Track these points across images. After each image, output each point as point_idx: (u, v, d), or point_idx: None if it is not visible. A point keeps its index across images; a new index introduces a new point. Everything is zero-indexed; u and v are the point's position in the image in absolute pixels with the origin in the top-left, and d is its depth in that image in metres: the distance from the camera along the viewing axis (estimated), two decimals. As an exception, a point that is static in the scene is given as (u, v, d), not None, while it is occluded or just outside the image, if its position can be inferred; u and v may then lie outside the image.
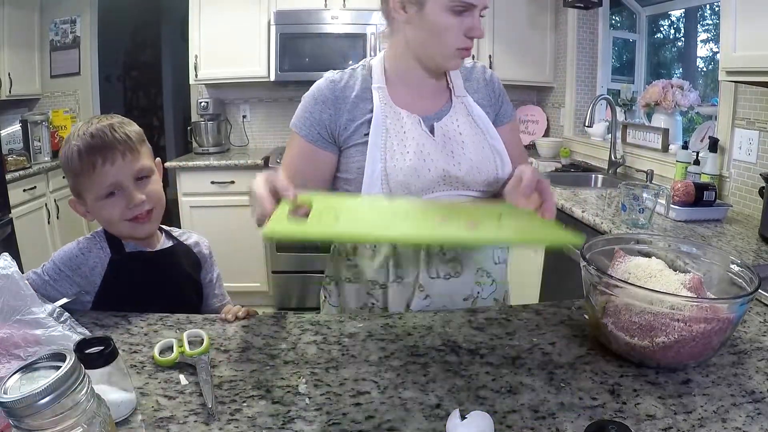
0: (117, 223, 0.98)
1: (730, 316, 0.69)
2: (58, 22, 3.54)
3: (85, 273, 0.98)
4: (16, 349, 0.67)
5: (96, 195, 0.96)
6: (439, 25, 0.93)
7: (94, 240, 1.02)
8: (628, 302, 0.71)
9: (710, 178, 1.90)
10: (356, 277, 1.04)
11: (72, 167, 0.95)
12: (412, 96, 1.02)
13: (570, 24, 3.16)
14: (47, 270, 0.97)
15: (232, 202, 3.09)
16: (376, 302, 1.03)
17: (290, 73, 3.15)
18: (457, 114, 1.02)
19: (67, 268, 0.97)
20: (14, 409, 0.42)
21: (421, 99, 1.02)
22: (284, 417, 0.63)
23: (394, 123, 0.98)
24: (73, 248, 1.00)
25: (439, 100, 1.04)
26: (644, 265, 0.82)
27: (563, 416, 0.63)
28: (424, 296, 1.00)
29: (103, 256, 1.00)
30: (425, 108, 1.01)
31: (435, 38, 0.95)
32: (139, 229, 1.00)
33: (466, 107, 1.03)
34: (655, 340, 0.70)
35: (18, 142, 3.22)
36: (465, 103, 1.03)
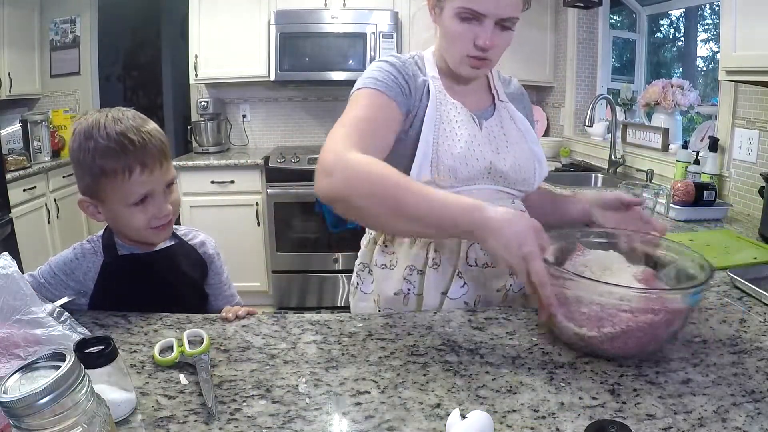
0: (141, 230, 0.95)
1: (680, 307, 0.72)
2: (58, 21, 3.54)
3: (78, 278, 0.97)
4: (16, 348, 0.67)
5: (124, 202, 0.92)
6: (449, 30, 0.95)
7: (90, 245, 1.00)
8: (578, 294, 0.73)
9: (710, 177, 1.90)
10: (392, 264, 1.04)
11: (97, 167, 0.89)
12: (461, 93, 1.05)
13: (570, 23, 3.16)
14: (43, 273, 0.97)
15: (232, 201, 3.09)
16: (412, 288, 1.02)
17: (290, 72, 3.15)
18: (501, 116, 1.07)
19: (61, 272, 0.96)
20: (14, 409, 0.42)
21: (468, 97, 1.05)
22: (284, 417, 0.63)
23: (447, 111, 1.01)
24: (69, 253, 0.98)
25: (483, 101, 1.08)
26: (602, 257, 0.85)
27: (563, 416, 0.63)
28: (462, 283, 1.00)
29: (97, 261, 0.98)
30: (472, 105, 1.05)
31: (447, 43, 0.98)
32: (161, 235, 0.99)
33: (509, 112, 1.08)
34: (602, 330, 0.72)
35: (18, 141, 3.22)
36: (507, 109, 1.09)
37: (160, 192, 0.94)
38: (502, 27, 0.93)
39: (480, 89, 1.09)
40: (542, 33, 3.32)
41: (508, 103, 1.10)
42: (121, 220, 0.95)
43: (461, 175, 0.98)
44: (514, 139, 1.05)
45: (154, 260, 1.01)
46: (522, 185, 1.05)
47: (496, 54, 0.97)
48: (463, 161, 0.97)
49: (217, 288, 1.12)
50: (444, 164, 0.97)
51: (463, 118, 1.01)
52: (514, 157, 1.03)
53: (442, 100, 1.01)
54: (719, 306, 0.95)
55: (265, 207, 3.07)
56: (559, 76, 3.36)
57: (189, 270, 1.06)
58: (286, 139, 3.69)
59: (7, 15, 3.13)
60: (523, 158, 1.04)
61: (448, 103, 1.01)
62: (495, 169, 1.01)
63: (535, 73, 3.37)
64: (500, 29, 0.93)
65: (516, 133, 1.07)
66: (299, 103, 3.67)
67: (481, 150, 1.00)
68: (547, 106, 3.57)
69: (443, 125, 0.99)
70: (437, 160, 0.97)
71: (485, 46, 0.93)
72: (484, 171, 1.00)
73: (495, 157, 1.01)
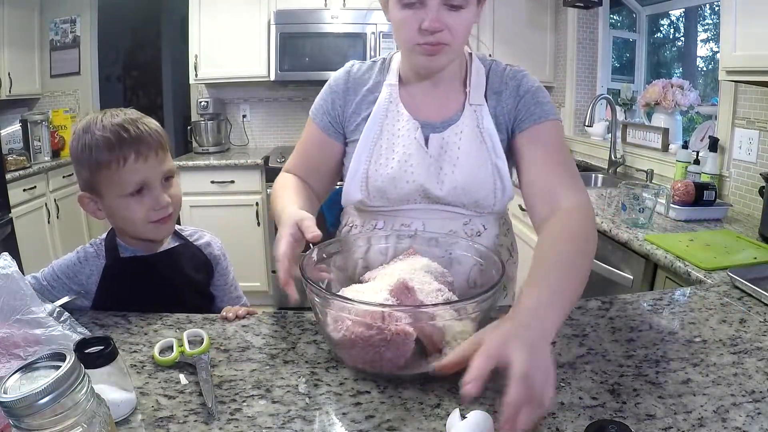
0: (139, 223, 0.94)
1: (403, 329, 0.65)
2: (58, 21, 3.54)
3: (81, 281, 0.97)
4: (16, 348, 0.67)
5: (121, 192, 0.92)
6: (394, 20, 0.89)
7: (93, 248, 1.00)
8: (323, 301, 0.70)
9: (710, 177, 1.90)
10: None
11: (94, 159, 0.90)
12: (422, 98, 0.98)
13: (570, 23, 3.16)
14: (46, 275, 0.97)
15: (232, 201, 3.09)
16: None
17: (290, 72, 3.15)
18: (465, 125, 0.95)
19: (64, 275, 0.97)
20: (14, 409, 0.42)
21: (431, 103, 0.97)
22: (284, 417, 0.63)
23: (391, 124, 0.96)
24: (72, 257, 0.99)
25: (451, 106, 0.97)
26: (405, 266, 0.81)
27: (563, 416, 0.63)
28: None
29: (99, 264, 0.98)
30: (434, 113, 0.97)
31: (396, 35, 0.91)
32: (161, 230, 0.98)
33: (478, 118, 0.95)
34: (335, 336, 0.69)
35: (18, 141, 3.22)
36: (477, 113, 0.95)
37: (157, 182, 0.94)
38: (451, 6, 0.84)
39: (451, 91, 0.98)
40: (542, 33, 3.32)
41: (482, 106, 0.96)
42: (120, 213, 0.94)
43: (391, 196, 0.95)
44: (470, 154, 0.93)
45: (157, 261, 1.00)
46: (472, 206, 0.96)
47: (453, 37, 0.86)
48: (392, 183, 0.94)
49: (223, 289, 1.11)
50: (373, 185, 0.95)
51: (405, 133, 0.95)
52: (457, 180, 0.93)
53: (391, 112, 0.96)
54: (719, 306, 0.95)
55: (265, 207, 3.07)
56: (559, 76, 3.36)
57: (192, 272, 1.05)
58: (286, 139, 3.69)
59: (7, 15, 3.13)
60: (475, 178, 0.93)
61: (395, 114, 0.96)
62: (429, 194, 0.94)
63: (535, 73, 3.28)
64: (448, 9, 0.84)
65: (475, 146, 0.94)
66: (299, 103, 3.67)
67: (413, 171, 0.93)
68: (547, 106, 3.57)
69: (381, 141, 0.96)
70: (366, 180, 0.95)
71: (431, 28, 0.84)
72: (417, 193, 0.95)
73: (430, 181, 0.93)
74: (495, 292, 0.69)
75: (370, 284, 0.78)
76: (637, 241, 1.50)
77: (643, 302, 0.96)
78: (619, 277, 1.61)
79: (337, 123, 1.01)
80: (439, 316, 0.68)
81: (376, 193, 0.96)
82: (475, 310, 0.68)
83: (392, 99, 0.97)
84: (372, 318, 0.65)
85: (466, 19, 0.86)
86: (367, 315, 0.66)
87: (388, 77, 0.99)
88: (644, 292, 1.05)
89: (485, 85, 0.97)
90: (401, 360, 0.67)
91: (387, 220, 0.99)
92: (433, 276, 0.79)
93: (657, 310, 0.93)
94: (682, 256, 1.31)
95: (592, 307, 0.93)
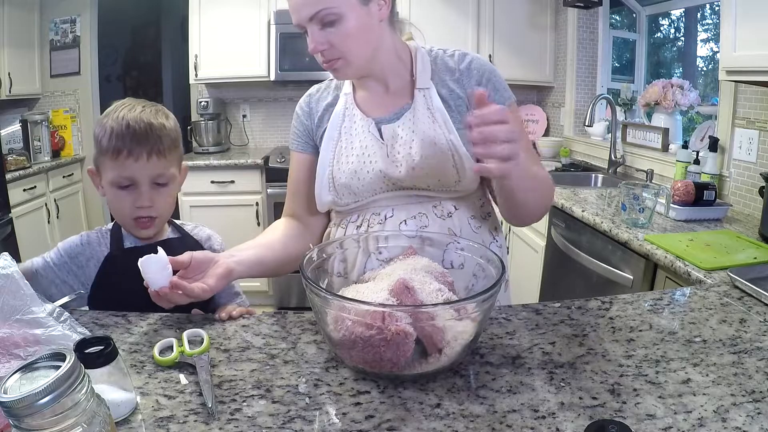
0: (122, 216, 1.00)
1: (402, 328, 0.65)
2: (58, 21, 3.54)
3: (81, 263, 1.01)
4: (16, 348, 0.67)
5: (110, 181, 0.97)
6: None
7: (97, 234, 1.04)
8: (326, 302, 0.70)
9: (710, 177, 1.90)
10: None
11: (99, 143, 0.97)
12: (375, 98, 1.03)
13: (570, 23, 3.16)
14: (50, 254, 1.01)
15: (232, 201, 3.09)
16: None
17: (290, 72, 3.15)
18: (416, 109, 0.98)
19: (66, 254, 1.01)
20: (14, 409, 0.42)
21: (384, 100, 1.02)
22: (284, 417, 0.63)
23: (348, 126, 1.02)
24: (76, 238, 1.04)
25: (402, 97, 1.01)
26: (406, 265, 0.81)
27: (563, 416, 0.63)
28: None
29: (100, 252, 1.02)
30: (387, 109, 1.01)
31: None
32: (141, 231, 1.02)
33: (426, 101, 0.98)
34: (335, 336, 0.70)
35: (18, 141, 3.22)
36: (426, 96, 0.98)
37: (145, 183, 0.97)
38: (322, 25, 0.89)
39: (397, 86, 1.01)
40: (542, 33, 3.32)
41: (429, 89, 0.98)
42: (110, 200, 1.01)
43: (357, 189, 0.99)
44: (425, 135, 0.96)
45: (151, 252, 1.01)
46: (440, 186, 0.97)
47: (341, 50, 0.90)
48: (354, 176, 0.98)
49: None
50: (339, 182, 1.00)
51: (361, 130, 1.00)
52: (414, 160, 0.95)
53: (347, 116, 1.02)
54: (719, 306, 0.95)
55: (265, 207, 3.07)
56: (559, 76, 3.36)
57: None
58: (286, 139, 3.69)
59: (7, 15, 3.13)
60: (434, 156, 0.95)
61: (351, 117, 1.02)
62: (389, 177, 0.97)
63: (535, 73, 3.37)
64: (320, 28, 0.89)
65: (429, 126, 0.97)
66: (299, 103, 3.67)
67: (372, 160, 0.97)
68: (547, 106, 3.57)
69: (341, 143, 1.01)
70: (333, 180, 1.00)
71: (313, 50, 0.92)
72: (378, 180, 0.98)
73: (387, 165, 0.96)
74: (495, 292, 0.69)
75: (370, 284, 0.78)
76: (637, 241, 1.50)
77: (643, 302, 0.96)
78: (619, 277, 1.61)
79: (310, 139, 1.08)
80: (439, 316, 0.68)
81: (343, 190, 1.00)
82: (475, 310, 0.68)
83: (348, 105, 1.03)
84: (372, 318, 0.65)
85: (339, 32, 0.89)
86: (367, 315, 0.66)
87: (344, 88, 1.05)
88: (644, 292, 1.05)
89: (431, 70, 1.01)
90: (401, 360, 0.67)
91: (360, 213, 1.03)
92: (433, 276, 0.79)
93: (657, 310, 0.93)
94: (682, 256, 1.31)
95: (592, 307, 0.93)
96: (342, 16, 0.88)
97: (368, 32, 0.92)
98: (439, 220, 0.99)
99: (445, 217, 1.00)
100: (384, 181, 0.98)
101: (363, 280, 0.84)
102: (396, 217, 0.99)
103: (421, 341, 0.69)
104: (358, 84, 1.04)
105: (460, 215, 1.01)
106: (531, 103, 3.63)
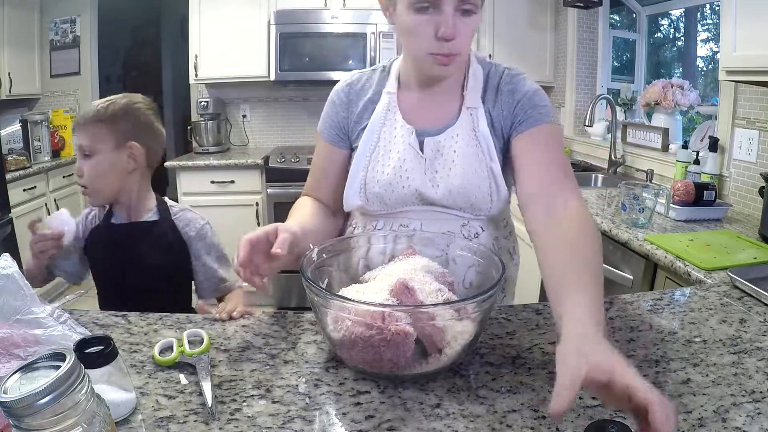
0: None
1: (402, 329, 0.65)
2: (58, 21, 3.54)
3: (79, 221, 1.21)
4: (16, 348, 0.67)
5: None
6: (406, 25, 0.86)
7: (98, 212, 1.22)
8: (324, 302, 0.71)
9: (710, 177, 1.90)
10: None
11: None
12: (421, 104, 0.98)
13: (570, 23, 3.16)
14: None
15: (232, 201, 3.09)
16: None
17: (290, 72, 3.15)
18: (461, 128, 0.95)
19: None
20: (14, 409, 0.42)
21: (429, 108, 0.97)
22: (284, 417, 0.63)
23: (388, 132, 0.98)
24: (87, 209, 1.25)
25: (449, 110, 0.97)
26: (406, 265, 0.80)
27: (563, 416, 0.63)
28: None
29: (91, 222, 1.22)
30: (431, 119, 0.97)
31: (408, 41, 0.90)
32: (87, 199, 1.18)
33: (474, 121, 0.94)
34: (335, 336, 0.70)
35: (18, 141, 3.22)
36: (474, 116, 0.95)
37: (77, 154, 1.14)
38: (463, 11, 0.82)
39: (448, 95, 0.97)
40: (542, 33, 3.32)
41: (478, 109, 0.95)
42: None
43: (389, 201, 0.97)
44: (466, 158, 0.93)
45: (129, 232, 1.17)
46: (469, 209, 0.96)
47: (464, 45, 0.86)
48: (389, 188, 0.96)
49: (201, 272, 1.21)
50: (371, 191, 0.97)
51: (400, 139, 0.96)
52: (453, 184, 0.93)
53: (388, 120, 0.97)
54: (719, 306, 0.95)
55: (265, 207, 3.07)
56: (559, 76, 3.36)
57: (152, 249, 1.16)
58: (286, 139, 3.69)
59: (7, 15, 3.13)
60: (473, 180, 0.93)
61: (392, 122, 0.97)
62: (425, 197, 0.95)
63: (535, 73, 3.36)
64: (461, 14, 0.82)
65: (471, 150, 0.94)
66: (299, 103, 3.67)
67: (409, 176, 0.94)
68: (547, 106, 3.57)
69: (378, 148, 0.98)
70: (365, 187, 0.97)
71: (448, 35, 0.82)
72: (413, 197, 0.96)
73: (425, 184, 0.94)
74: (495, 292, 0.69)
75: (370, 284, 0.78)
76: (637, 241, 1.50)
77: (643, 302, 0.96)
78: (619, 277, 1.61)
79: (343, 133, 1.03)
80: (439, 316, 0.68)
81: (374, 199, 0.98)
82: (475, 310, 0.68)
83: (390, 107, 0.98)
84: (372, 318, 0.65)
85: (474, 23, 0.85)
86: (367, 315, 0.66)
87: (387, 85, 1.00)
88: (644, 292, 1.05)
89: (483, 88, 0.96)
90: (401, 360, 0.67)
91: (386, 221, 1.01)
92: (433, 276, 0.79)
93: (657, 310, 0.93)
94: (682, 256, 1.31)
95: (592, 307, 0.93)
96: (477, 11, 0.85)
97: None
98: (466, 240, 0.96)
99: (471, 238, 0.98)
100: (417, 198, 0.97)
101: (363, 280, 0.84)
102: None
103: (421, 341, 0.69)
104: (408, 85, 0.99)
105: (485, 236, 0.99)
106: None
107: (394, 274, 0.78)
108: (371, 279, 0.82)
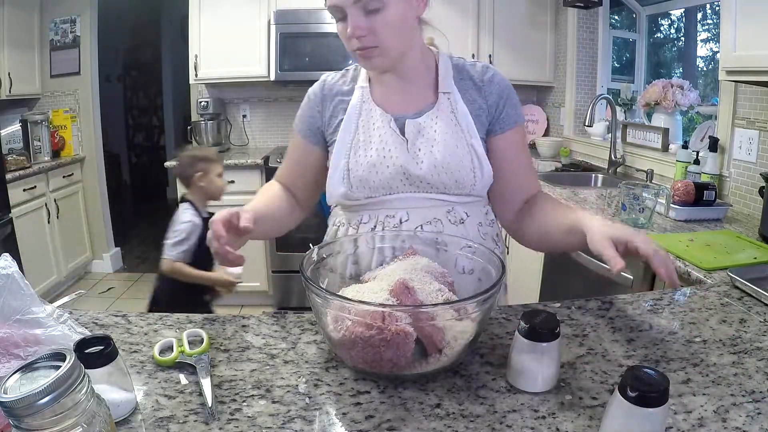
0: None
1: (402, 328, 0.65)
2: (58, 21, 3.54)
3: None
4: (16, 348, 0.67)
5: None
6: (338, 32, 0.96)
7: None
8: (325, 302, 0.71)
9: (710, 177, 1.90)
10: None
11: None
12: (394, 94, 1.02)
13: (570, 23, 3.16)
14: None
15: (232, 201, 3.07)
16: None
17: (290, 72, 3.15)
18: (439, 111, 0.99)
19: None
20: (14, 409, 0.42)
21: (403, 97, 1.02)
22: (284, 417, 0.63)
23: (366, 121, 1.01)
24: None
25: (424, 98, 1.01)
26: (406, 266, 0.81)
27: (563, 416, 0.63)
28: None
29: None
30: (406, 107, 1.01)
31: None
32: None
33: (451, 104, 1.00)
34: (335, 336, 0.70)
35: (18, 141, 3.22)
36: (450, 99, 1.00)
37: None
38: (369, 11, 0.89)
39: (420, 86, 1.02)
40: (542, 33, 3.32)
41: (453, 93, 1.00)
42: None
43: (373, 183, 0.98)
44: (447, 136, 0.97)
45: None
46: (454, 188, 0.98)
47: (381, 39, 0.90)
48: (372, 170, 0.97)
49: None
50: (355, 175, 0.99)
51: (380, 125, 0.99)
52: (436, 159, 0.96)
53: (364, 111, 1.01)
54: (719, 306, 0.95)
55: (265, 207, 3.07)
56: (559, 76, 3.36)
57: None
58: (286, 139, 3.69)
59: (7, 15, 3.13)
60: (455, 157, 0.97)
61: (368, 112, 1.01)
62: (409, 174, 0.97)
63: (535, 73, 3.37)
64: (368, 14, 0.89)
65: (451, 129, 0.98)
66: (299, 103, 3.63)
67: (393, 156, 0.97)
68: (547, 106, 3.57)
69: (358, 135, 1.00)
70: (348, 173, 0.99)
71: (352, 35, 0.90)
72: (397, 176, 0.97)
73: (409, 161, 0.96)
74: (495, 292, 0.69)
75: (370, 284, 0.78)
76: (637, 241, 1.49)
77: (643, 302, 0.96)
78: (619, 277, 1.61)
79: (316, 129, 1.07)
80: (439, 316, 0.68)
81: (358, 183, 0.99)
82: (475, 310, 0.68)
83: (364, 99, 1.02)
84: (372, 318, 0.65)
85: (383, 19, 0.89)
86: (367, 315, 0.66)
87: (359, 80, 1.05)
88: (644, 292, 1.05)
89: (455, 77, 1.02)
90: (401, 360, 0.67)
91: (371, 214, 1.02)
92: (433, 276, 0.79)
93: (657, 310, 0.93)
94: (682, 256, 1.31)
95: (592, 307, 0.93)
96: (386, 5, 0.89)
97: (406, 25, 0.94)
98: (452, 226, 0.99)
99: (457, 224, 1.00)
100: (402, 178, 0.98)
101: (363, 280, 0.84)
102: (412, 221, 0.99)
103: (421, 341, 0.69)
104: (377, 78, 1.03)
105: (470, 222, 1.01)
106: (531, 103, 3.63)
107: (394, 274, 0.78)
108: (371, 279, 0.82)
